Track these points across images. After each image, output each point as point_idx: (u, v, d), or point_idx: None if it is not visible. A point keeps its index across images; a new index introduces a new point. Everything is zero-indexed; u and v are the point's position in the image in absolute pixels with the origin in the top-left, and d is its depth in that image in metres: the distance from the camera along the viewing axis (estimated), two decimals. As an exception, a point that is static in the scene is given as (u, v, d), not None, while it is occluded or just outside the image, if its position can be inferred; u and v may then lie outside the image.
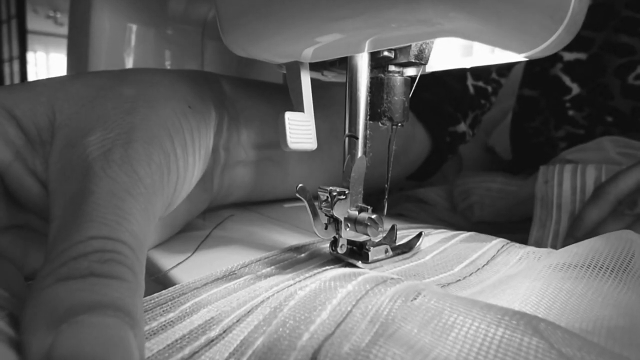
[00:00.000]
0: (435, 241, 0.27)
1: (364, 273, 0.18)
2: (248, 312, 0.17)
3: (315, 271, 0.21)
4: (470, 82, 0.52)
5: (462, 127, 0.51)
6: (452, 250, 0.25)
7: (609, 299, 0.17)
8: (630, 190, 0.34)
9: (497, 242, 0.26)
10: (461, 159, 0.71)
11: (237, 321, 0.17)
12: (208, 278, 0.20)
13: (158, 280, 0.23)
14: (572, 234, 0.35)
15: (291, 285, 0.19)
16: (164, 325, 0.17)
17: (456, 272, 0.22)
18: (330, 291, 0.17)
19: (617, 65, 0.48)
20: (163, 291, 0.19)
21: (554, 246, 0.37)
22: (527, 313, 0.14)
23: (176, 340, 0.16)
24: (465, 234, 0.28)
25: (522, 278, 0.20)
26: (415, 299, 0.16)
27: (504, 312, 0.14)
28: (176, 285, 0.19)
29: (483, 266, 0.23)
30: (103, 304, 0.13)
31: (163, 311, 0.17)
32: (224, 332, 0.16)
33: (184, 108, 0.24)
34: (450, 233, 0.29)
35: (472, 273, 0.22)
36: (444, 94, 0.50)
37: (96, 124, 0.20)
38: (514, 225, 0.45)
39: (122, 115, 0.21)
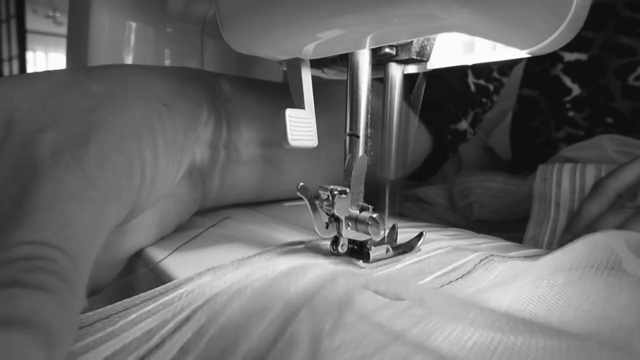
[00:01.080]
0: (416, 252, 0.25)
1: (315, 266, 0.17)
2: (186, 319, 0.16)
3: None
4: (471, 79, 0.52)
5: (464, 125, 0.51)
6: (427, 261, 0.24)
7: (602, 298, 0.17)
8: (629, 184, 0.34)
9: (477, 255, 0.24)
10: (461, 159, 0.71)
11: (173, 332, 0.16)
12: (162, 289, 0.19)
13: (154, 270, 0.23)
14: (570, 229, 0.35)
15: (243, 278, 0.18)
16: (99, 339, 0.16)
17: (426, 283, 0.21)
18: (275, 289, 0.16)
19: (618, 66, 0.48)
20: (108, 306, 0.18)
21: (550, 243, 0.37)
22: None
23: (106, 357, 0.15)
24: (449, 246, 0.26)
25: (505, 287, 0.19)
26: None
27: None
28: (126, 299, 0.18)
29: (457, 279, 0.21)
30: (17, 319, 0.12)
31: (103, 325, 0.16)
32: (157, 346, 0.15)
33: (158, 107, 0.23)
34: (444, 232, 0.29)
35: (444, 285, 0.21)
36: (445, 92, 0.49)
37: (52, 121, 0.19)
38: (513, 224, 0.45)
39: (83, 114, 0.20)
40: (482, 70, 0.52)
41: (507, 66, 0.55)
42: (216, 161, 0.31)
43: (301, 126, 0.22)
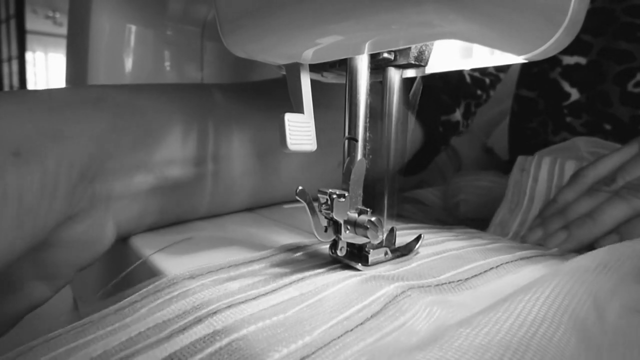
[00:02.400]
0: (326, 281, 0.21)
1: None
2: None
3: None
4: (466, 71, 0.51)
5: (457, 116, 0.50)
6: (326, 303, 0.19)
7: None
8: (609, 172, 0.33)
9: (392, 288, 0.20)
10: (460, 159, 0.71)
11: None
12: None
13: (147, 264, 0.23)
14: (542, 214, 0.34)
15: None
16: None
17: (313, 340, 0.16)
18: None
19: (616, 72, 0.47)
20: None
21: (518, 232, 0.35)
22: None
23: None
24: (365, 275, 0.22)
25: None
26: None
27: None
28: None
29: (355, 327, 0.17)
30: None
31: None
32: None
33: (3, 158, 0.20)
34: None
35: (334, 339, 0.16)
36: (439, 82, 0.49)
37: None
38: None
39: None
40: None
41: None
42: (213, 171, 0.31)
43: (300, 130, 0.22)
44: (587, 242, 0.30)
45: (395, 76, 0.24)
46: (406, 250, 0.25)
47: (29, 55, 3.13)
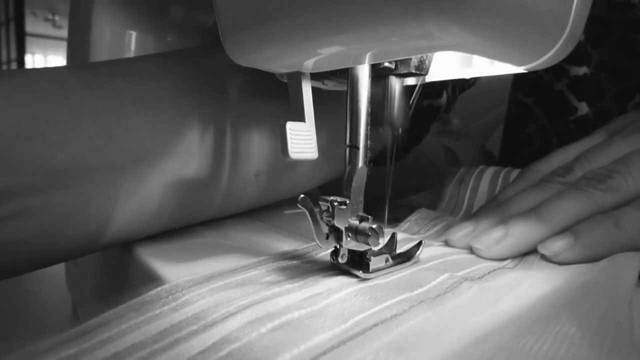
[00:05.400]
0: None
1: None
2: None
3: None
4: None
5: (442, 101, 0.46)
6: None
7: None
8: (563, 164, 0.28)
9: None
10: (460, 163, 0.72)
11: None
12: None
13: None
14: (476, 213, 0.29)
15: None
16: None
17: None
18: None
19: (616, 90, 0.46)
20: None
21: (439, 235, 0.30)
22: None
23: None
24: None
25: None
26: None
27: None
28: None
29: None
30: None
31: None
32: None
33: None
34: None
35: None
36: None
37: None
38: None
39: None
40: None
41: None
42: (228, 170, 0.30)
43: (301, 139, 0.23)
44: (529, 244, 0.24)
45: (396, 85, 0.24)
46: (406, 257, 0.25)
47: (28, 58, 3.13)
